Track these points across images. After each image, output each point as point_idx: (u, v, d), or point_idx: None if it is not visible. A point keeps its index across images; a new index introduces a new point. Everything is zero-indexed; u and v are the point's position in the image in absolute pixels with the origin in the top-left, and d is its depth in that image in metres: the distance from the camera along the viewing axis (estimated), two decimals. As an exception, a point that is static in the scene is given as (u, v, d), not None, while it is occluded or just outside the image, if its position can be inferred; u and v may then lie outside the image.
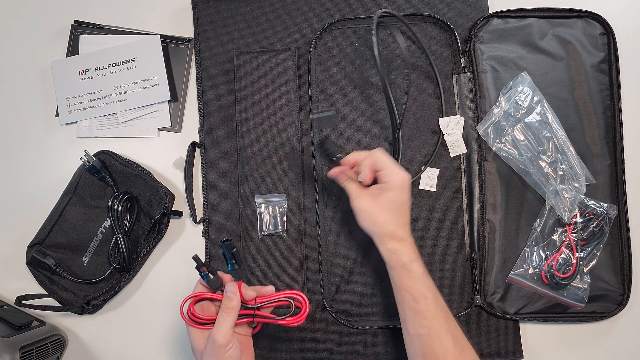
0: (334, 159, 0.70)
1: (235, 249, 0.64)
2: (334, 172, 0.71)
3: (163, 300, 0.81)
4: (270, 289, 0.68)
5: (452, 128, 0.79)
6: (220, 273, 0.67)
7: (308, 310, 0.66)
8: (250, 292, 0.66)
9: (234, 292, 0.64)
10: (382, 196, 0.67)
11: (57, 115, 0.84)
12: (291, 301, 0.67)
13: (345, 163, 0.71)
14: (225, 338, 0.62)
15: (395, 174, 0.67)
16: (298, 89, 0.81)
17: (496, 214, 0.78)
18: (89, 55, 0.84)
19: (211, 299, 0.67)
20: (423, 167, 0.79)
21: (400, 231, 0.67)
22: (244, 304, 0.66)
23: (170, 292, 0.81)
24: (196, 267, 0.65)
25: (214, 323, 0.64)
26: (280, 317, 0.67)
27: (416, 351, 0.65)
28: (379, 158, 0.68)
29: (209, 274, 0.65)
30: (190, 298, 0.66)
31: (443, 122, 0.79)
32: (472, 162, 0.79)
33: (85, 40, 0.85)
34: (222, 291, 0.66)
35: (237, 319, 0.64)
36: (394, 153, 0.79)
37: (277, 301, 0.67)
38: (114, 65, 0.84)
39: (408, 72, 0.73)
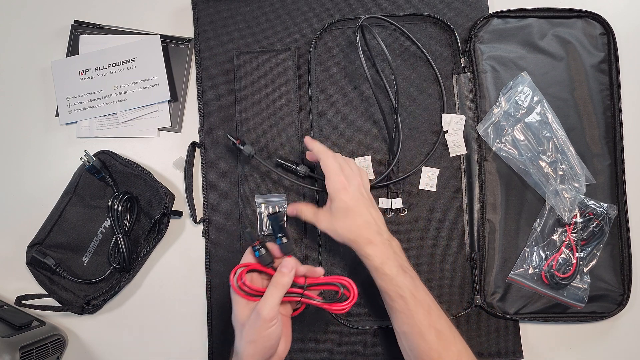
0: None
1: (283, 222, 0.64)
2: (291, 210, 0.73)
3: (163, 300, 0.81)
4: (320, 270, 0.67)
5: (453, 127, 0.79)
6: (269, 245, 0.66)
7: (356, 298, 0.65)
8: (302, 268, 0.65)
9: (289, 268, 0.63)
10: (329, 208, 0.69)
11: (57, 115, 0.84)
12: (340, 287, 0.66)
13: None
14: (270, 313, 0.60)
15: (329, 184, 0.68)
16: (298, 89, 0.81)
17: (496, 214, 0.78)
18: (89, 55, 0.84)
19: (260, 272, 0.66)
20: (422, 166, 0.79)
21: (364, 234, 0.67)
22: (293, 283, 0.64)
23: (170, 292, 0.81)
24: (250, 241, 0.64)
25: (261, 296, 0.63)
26: (327, 302, 0.65)
27: (404, 346, 0.67)
28: (325, 165, 0.69)
29: (261, 249, 0.64)
30: (241, 267, 0.64)
31: (446, 118, 0.79)
32: (472, 162, 0.79)
33: (85, 40, 0.85)
34: (273, 267, 0.65)
35: (284, 296, 0.63)
36: (394, 153, 0.79)
37: (326, 285, 0.66)
38: (114, 65, 0.84)
39: (393, 72, 0.73)
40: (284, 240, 0.65)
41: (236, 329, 0.64)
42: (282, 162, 0.78)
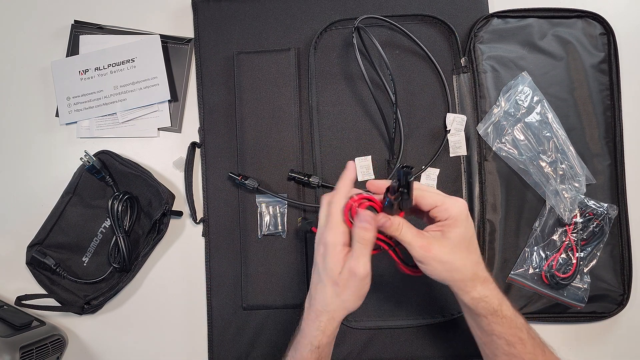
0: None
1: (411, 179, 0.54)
2: (380, 220, 0.57)
3: (163, 300, 0.81)
4: (396, 219, 0.58)
5: (455, 127, 0.79)
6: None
7: None
8: (381, 218, 0.57)
9: (369, 222, 0.56)
10: (448, 236, 0.57)
11: (57, 115, 0.84)
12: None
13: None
14: (365, 270, 0.56)
15: (455, 205, 0.57)
16: (298, 89, 0.81)
17: (496, 214, 0.78)
18: (89, 55, 0.84)
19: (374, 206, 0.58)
20: (423, 166, 0.79)
21: (480, 271, 0.59)
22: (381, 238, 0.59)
23: (170, 292, 0.81)
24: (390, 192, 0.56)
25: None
26: (405, 263, 0.60)
27: None
28: (428, 195, 0.58)
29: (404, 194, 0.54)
30: (362, 199, 0.58)
31: (449, 118, 0.79)
32: (472, 162, 0.79)
33: (85, 40, 0.85)
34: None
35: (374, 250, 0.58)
36: (394, 153, 0.79)
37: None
38: (114, 65, 0.84)
39: (390, 73, 0.73)
40: (406, 197, 0.55)
41: (327, 287, 0.58)
42: (294, 175, 0.78)
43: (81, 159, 0.79)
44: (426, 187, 0.60)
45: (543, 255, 0.78)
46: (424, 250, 0.56)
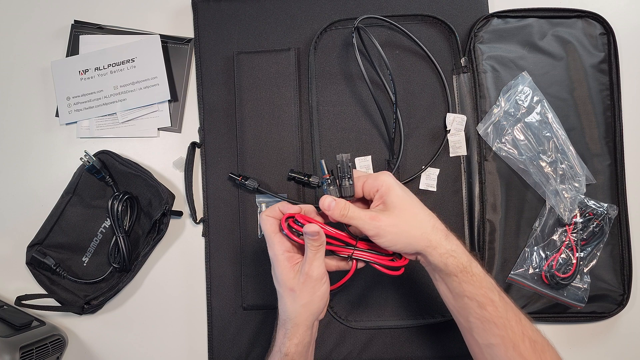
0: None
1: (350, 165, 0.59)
2: (327, 203, 0.59)
3: (163, 300, 0.81)
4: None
5: (455, 127, 0.79)
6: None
7: (407, 261, 0.61)
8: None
9: (315, 231, 0.57)
10: (389, 203, 0.58)
11: (57, 115, 0.84)
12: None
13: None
14: (319, 271, 0.59)
15: (379, 176, 0.59)
16: (298, 89, 0.81)
17: (496, 214, 0.78)
18: (89, 55, 0.84)
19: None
20: (423, 166, 0.79)
21: (438, 224, 0.58)
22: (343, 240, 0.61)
23: (170, 292, 0.81)
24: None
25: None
26: (381, 254, 0.60)
27: None
28: (354, 173, 0.61)
29: (331, 186, 0.60)
30: (290, 216, 0.61)
31: (449, 118, 0.79)
32: (472, 162, 0.79)
33: (85, 40, 0.85)
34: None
35: (338, 247, 0.60)
36: (394, 153, 0.79)
37: (373, 253, 0.61)
38: (114, 65, 0.84)
39: (390, 73, 0.73)
40: (348, 183, 0.60)
41: (284, 296, 0.61)
42: (294, 175, 0.78)
43: (81, 159, 0.79)
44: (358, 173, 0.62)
45: (543, 255, 0.78)
46: (374, 219, 0.57)
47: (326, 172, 0.61)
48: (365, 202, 0.63)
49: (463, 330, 0.61)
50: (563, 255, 0.77)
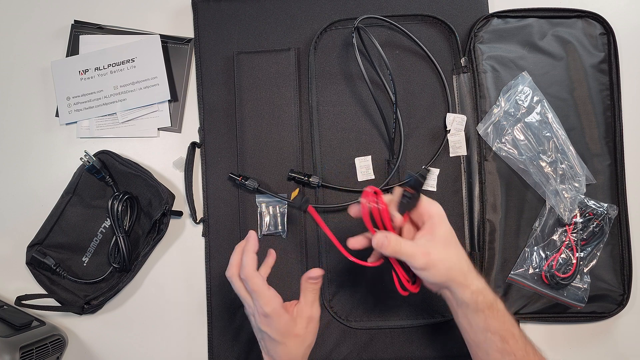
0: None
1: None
2: (378, 240, 0.59)
3: (163, 300, 0.81)
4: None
5: (455, 127, 0.79)
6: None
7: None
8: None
9: (318, 277, 0.63)
10: (438, 236, 0.58)
11: (57, 115, 0.84)
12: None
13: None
14: (319, 310, 0.64)
15: (434, 205, 0.60)
16: (298, 89, 0.81)
17: (496, 214, 0.78)
18: (89, 55, 0.84)
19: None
20: (424, 166, 0.79)
21: (471, 264, 0.60)
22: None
23: (170, 292, 0.81)
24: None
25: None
26: (405, 273, 0.62)
27: None
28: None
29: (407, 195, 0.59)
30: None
31: (449, 118, 0.79)
32: (472, 162, 0.79)
33: (85, 40, 0.85)
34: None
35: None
36: (394, 153, 0.79)
37: None
38: (114, 65, 0.84)
39: (390, 73, 0.73)
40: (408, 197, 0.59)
41: (288, 344, 0.62)
42: (294, 175, 0.78)
43: (81, 159, 0.79)
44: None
45: (543, 255, 0.78)
46: (426, 256, 0.58)
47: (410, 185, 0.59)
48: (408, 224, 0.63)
49: None
50: (563, 255, 0.77)
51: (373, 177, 0.80)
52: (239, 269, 0.64)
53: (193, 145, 0.82)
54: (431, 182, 0.79)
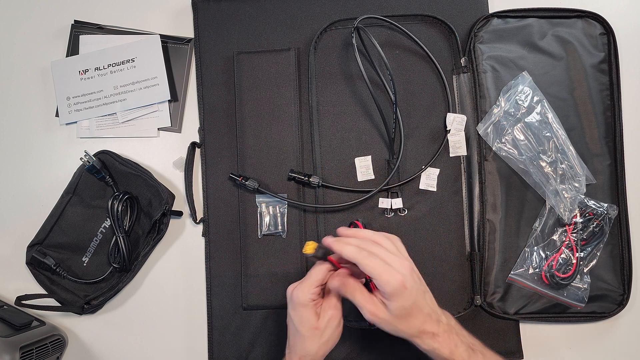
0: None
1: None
2: (335, 283, 0.62)
3: (163, 300, 0.81)
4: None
5: (456, 127, 0.79)
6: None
7: None
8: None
9: (336, 287, 0.63)
10: (389, 307, 0.59)
11: (57, 115, 0.84)
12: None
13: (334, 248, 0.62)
14: (341, 312, 0.65)
15: (389, 283, 0.58)
16: (298, 89, 0.81)
17: (496, 214, 0.78)
18: (89, 55, 0.84)
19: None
20: (423, 166, 0.79)
21: (427, 327, 0.61)
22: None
23: (170, 292, 0.81)
24: None
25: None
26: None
27: None
28: (367, 266, 0.58)
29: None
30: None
31: (449, 118, 0.79)
32: (472, 162, 0.79)
33: (85, 40, 0.85)
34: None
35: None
36: (394, 153, 0.79)
37: None
38: (114, 65, 0.84)
39: (390, 73, 0.73)
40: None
41: (306, 336, 0.63)
42: (294, 175, 0.78)
43: (81, 159, 0.79)
44: (370, 254, 0.60)
45: (543, 255, 0.78)
46: (373, 315, 0.60)
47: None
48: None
49: None
50: (563, 255, 0.77)
51: (373, 177, 0.80)
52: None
53: (193, 145, 0.82)
54: (431, 182, 0.79)
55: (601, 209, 0.77)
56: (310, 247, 0.63)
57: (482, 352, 0.63)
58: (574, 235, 0.77)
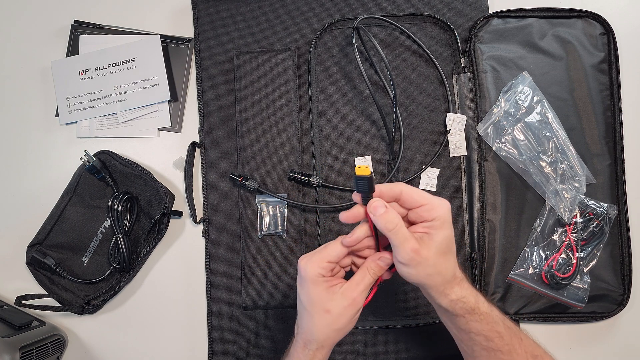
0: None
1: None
2: (381, 217, 0.54)
3: (163, 300, 0.81)
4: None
5: (456, 127, 0.79)
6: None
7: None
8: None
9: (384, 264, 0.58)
10: (435, 239, 0.54)
11: (57, 115, 0.84)
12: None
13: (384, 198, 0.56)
14: (363, 298, 0.57)
15: (442, 207, 0.55)
16: (298, 89, 0.81)
17: (496, 214, 0.78)
18: (89, 55, 0.84)
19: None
20: (423, 166, 0.79)
21: (458, 272, 0.57)
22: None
23: (170, 292, 0.81)
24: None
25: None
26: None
27: None
28: (415, 193, 0.55)
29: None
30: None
31: (449, 118, 0.79)
32: (472, 162, 0.79)
33: (85, 40, 0.85)
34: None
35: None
36: (394, 153, 0.79)
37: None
38: (114, 65, 0.84)
39: (390, 73, 0.73)
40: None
41: (315, 317, 0.57)
42: (294, 175, 0.78)
43: (81, 159, 0.79)
44: (414, 189, 0.56)
45: (543, 255, 0.78)
46: (415, 252, 0.53)
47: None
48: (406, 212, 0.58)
49: (466, 355, 0.61)
50: (563, 255, 0.77)
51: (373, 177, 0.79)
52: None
53: (193, 145, 0.82)
54: (431, 182, 0.79)
55: (601, 209, 0.77)
56: (366, 169, 0.54)
57: (493, 303, 0.60)
58: (574, 235, 0.77)
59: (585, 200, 0.78)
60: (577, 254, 0.77)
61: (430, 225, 0.55)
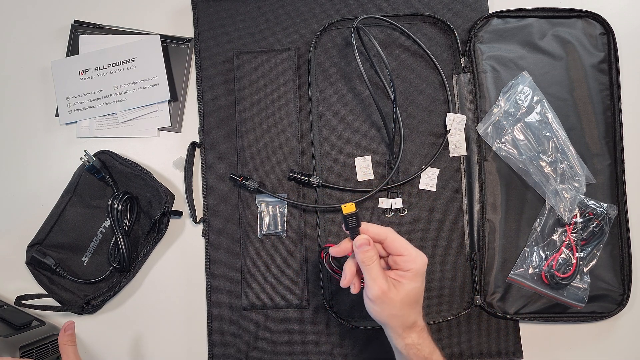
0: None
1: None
2: (363, 253, 0.60)
3: (163, 300, 0.81)
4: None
5: (456, 127, 0.79)
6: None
7: None
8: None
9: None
10: (405, 287, 0.59)
11: (57, 115, 0.84)
12: None
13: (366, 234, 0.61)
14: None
15: (417, 261, 0.60)
16: (298, 89, 0.81)
17: (496, 214, 0.78)
18: (89, 55, 0.84)
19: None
20: (423, 166, 0.79)
21: (419, 320, 0.62)
22: None
23: (170, 292, 0.81)
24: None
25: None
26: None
27: None
28: (398, 241, 0.60)
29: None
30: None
31: (449, 118, 0.79)
32: (472, 162, 0.79)
33: (85, 40, 0.85)
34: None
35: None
36: (394, 153, 0.79)
37: None
38: (114, 65, 0.84)
39: (389, 73, 0.73)
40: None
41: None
42: (294, 175, 0.78)
43: (81, 158, 0.79)
44: (398, 238, 0.61)
45: (543, 255, 0.78)
46: (383, 292, 0.58)
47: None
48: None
49: None
50: (563, 255, 0.77)
51: (373, 177, 0.80)
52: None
53: (193, 145, 0.82)
54: (431, 182, 0.79)
55: (601, 209, 0.77)
56: (351, 207, 0.59)
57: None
58: (574, 235, 0.77)
59: (585, 200, 0.78)
60: (577, 254, 0.77)
61: (403, 274, 0.60)
